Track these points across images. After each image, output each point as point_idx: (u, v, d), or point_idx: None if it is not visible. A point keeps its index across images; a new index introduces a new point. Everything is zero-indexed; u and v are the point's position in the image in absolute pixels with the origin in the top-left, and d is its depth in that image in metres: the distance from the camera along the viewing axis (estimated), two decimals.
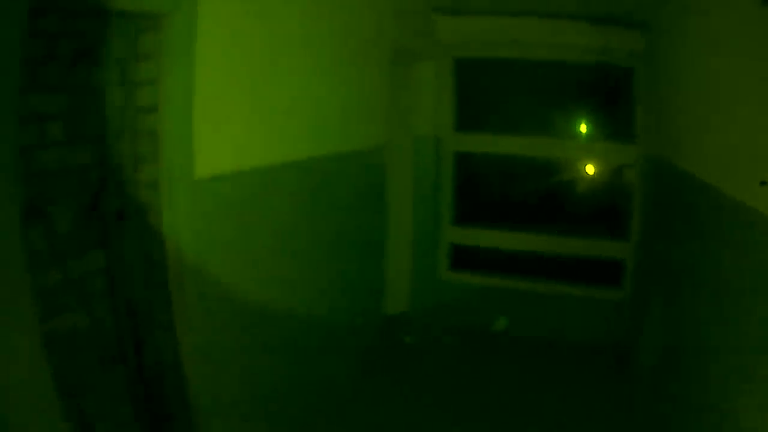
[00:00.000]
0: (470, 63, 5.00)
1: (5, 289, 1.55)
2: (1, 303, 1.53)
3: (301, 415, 3.41)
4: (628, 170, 4.71)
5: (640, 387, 3.94)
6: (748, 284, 2.17)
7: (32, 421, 1.61)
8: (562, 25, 4.58)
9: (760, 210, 2.00)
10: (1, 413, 1.54)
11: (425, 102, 5.07)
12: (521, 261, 5.07)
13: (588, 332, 4.86)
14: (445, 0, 4.82)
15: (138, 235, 2.23)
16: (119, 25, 2.13)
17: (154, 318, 2.29)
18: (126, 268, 2.19)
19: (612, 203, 4.88)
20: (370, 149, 4.17)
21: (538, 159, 4.95)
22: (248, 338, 2.78)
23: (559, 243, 4.91)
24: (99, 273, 2.12)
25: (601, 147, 4.85)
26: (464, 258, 5.24)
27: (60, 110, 1.92)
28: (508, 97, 5.09)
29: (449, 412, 3.95)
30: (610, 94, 4.86)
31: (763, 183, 1.78)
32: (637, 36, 4.44)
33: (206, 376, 2.44)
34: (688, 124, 3.35)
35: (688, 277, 3.16)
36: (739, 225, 2.30)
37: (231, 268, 2.62)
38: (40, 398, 1.63)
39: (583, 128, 5.03)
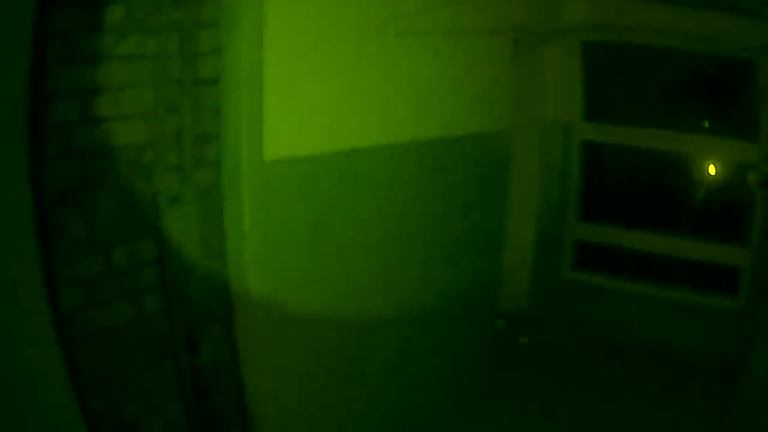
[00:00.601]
0: (598, 48, 4.50)
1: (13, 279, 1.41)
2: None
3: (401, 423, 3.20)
4: (751, 171, 4.14)
5: (745, 408, 3.44)
6: None
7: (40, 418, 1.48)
8: (688, 13, 4.05)
9: None
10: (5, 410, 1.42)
11: (553, 88, 4.61)
12: (639, 262, 4.59)
13: (701, 342, 4.34)
14: None
15: (196, 221, 2.06)
16: None
17: (210, 312, 2.12)
18: (180, 256, 2.03)
19: (733, 205, 4.38)
20: (491, 134, 3.79)
21: (663, 153, 4.43)
22: (320, 339, 2.54)
23: (680, 245, 4.41)
24: (150, 262, 1.97)
25: (725, 144, 4.28)
26: (588, 257, 4.76)
27: (104, 84, 1.76)
28: (634, 86, 4.57)
29: (548, 418, 3.70)
30: (734, 89, 4.32)
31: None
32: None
33: (267, 376, 2.24)
34: None
35: None
36: None
37: (303, 260, 2.39)
38: (51, 394, 1.49)
39: (707, 123, 4.49)
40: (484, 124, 3.72)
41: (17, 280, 1.42)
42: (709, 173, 4.48)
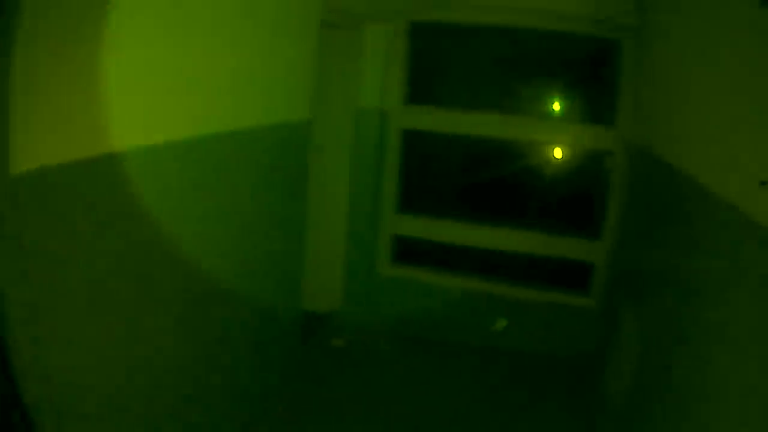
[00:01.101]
0: (427, 28, 4.18)
1: None
2: None
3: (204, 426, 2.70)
4: (607, 159, 3.98)
5: (602, 418, 3.31)
6: (737, 298, 1.86)
7: None
8: None
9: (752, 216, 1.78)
10: None
11: (373, 71, 4.32)
12: (476, 257, 4.34)
13: (548, 343, 4.24)
14: None
15: None
16: None
17: None
18: None
19: (584, 196, 4.16)
20: (292, 123, 3.39)
21: (503, 141, 4.16)
22: (123, 330, 2.02)
23: (521, 239, 4.20)
24: None
25: (576, 129, 4.09)
26: (410, 251, 4.50)
27: None
28: (469, 69, 4.28)
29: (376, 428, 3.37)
30: (590, 70, 4.11)
31: (763, 183, 1.63)
32: (628, 5, 3.75)
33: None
34: (677, 111, 2.80)
35: (665, 287, 2.67)
36: (730, 230, 2.00)
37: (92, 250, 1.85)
38: None
39: (556, 107, 4.25)
40: (285, 113, 3.34)
41: None
42: (557, 161, 4.23)
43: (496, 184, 4.24)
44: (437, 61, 4.24)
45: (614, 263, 3.84)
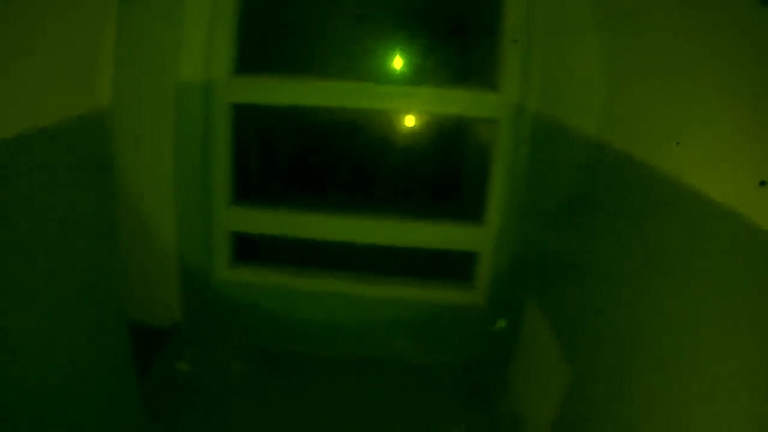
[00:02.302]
0: None
1: None
2: None
3: None
4: (487, 128, 3.40)
5: None
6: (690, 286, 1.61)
7: None
8: None
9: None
10: None
11: (193, 36, 3.53)
12: (336, 251, 3.69)
13: (431, 350, 3.68)
14: None
15: None
16: None
17: None
18: None
19: (458, 175, 3.59)
20: (84, 115, 2.55)
21: (358, 113, 3.50)
22: None
23: (385, 230, 3.56)
24: None
25: (445, 94, 3.41)
26: (256, 249, 3.82)
27: None
28: (314, 27, 3.64)
29: None
30: (457, 18, 3.58)
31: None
32: None
33: None
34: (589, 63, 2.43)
35: (588, 278, 2.29)
36: (663, 205, 1.76)
37: None
38: None
39: (420, 68, 3.63)
40: (75, 103, 2.53)
41: None
42: (424, 134, 3.61)
43: (351, 164, 3.60)
44: (275, 19, 3.54)
45: (505, 251, 3.33)
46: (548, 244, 2.82)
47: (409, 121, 3.54)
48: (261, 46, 3.49)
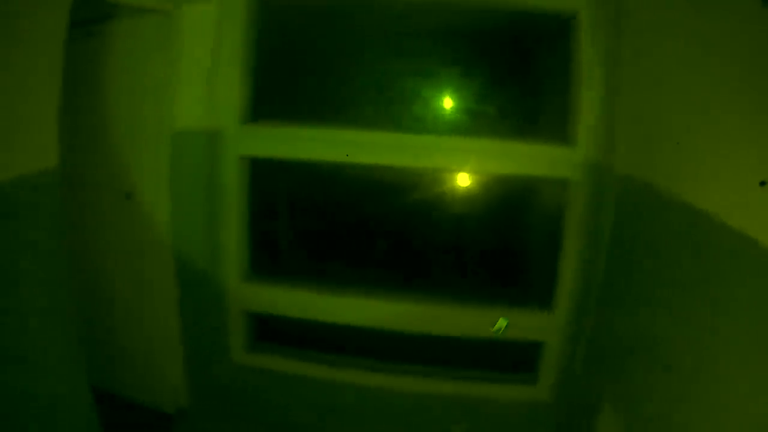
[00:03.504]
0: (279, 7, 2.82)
1: None
2: None
3: None
4: (558, 191, 2.69)
5: None
6: None
7: None
8: None
9: None
10: None
11: (193, 75, 2.89)
12: (372, 336, 2.93)
13: None
14: None
15: None
16: None
17: None
18: None
19: (519, 248, 2.95)
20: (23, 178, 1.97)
21: (393, 171, 2.73)
22: None
23: (429, 315, 2.84)
24: None
25: (509, 149, 2.70)
26: (279, 327, 3.12)
27: None
28: (344, 66, 2.91)
29: None
30: (524, 61, 2.83)
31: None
32: None
33: None
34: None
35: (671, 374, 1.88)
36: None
37: None
38: None
39: (480, 117, 2.90)
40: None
41: None
42: (478, 197, 2.82)
43: (389, 234, 2.91)
44: (296, 57, 2.84)
45: (577, 340, 2.72)
46: (632, 332, 2.25)
47: (460, 181, 2.86)
48: (279, 88, 2.81)
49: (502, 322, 2.77)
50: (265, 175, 2.88)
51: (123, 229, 3.04)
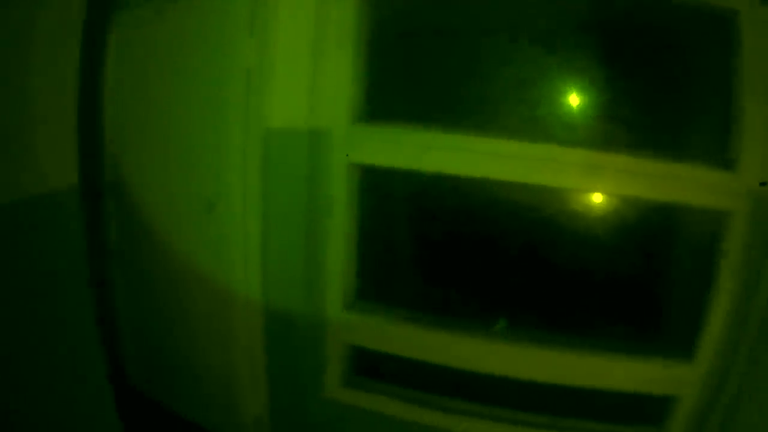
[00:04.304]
0: None
1: None
2: None
3: None
4: (711, 222, 2.20)
5: None
6: None
7: None
8: None
9: None
10: None
11: (290, 61, 2.42)
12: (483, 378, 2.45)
13: None
14: None
15: None
16: None
17: None
18: None
19: (657, 284, 2.62)
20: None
21: (524, 190, 2.24)
22: None
23: (551, 362, 2.40)
24: None
25: (642, 168, 2.21)
26: (380, 361, 2.65)
27: None
28: (476, 58, 2.32)
29: None
30: (673, 66, 2.35)
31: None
32: None
33: None
34: None
35: None
36: None
37: None
38: None
39: (606, 127, 2.25)
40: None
41: None
42: (611, 224, 2.31)
43: (516, 262, 2.51)
44: (421, 39, 2.39)
45: (718, 395, 2.42)
46: None
47: (590, 204, 2.50)
48: (400, 81, 2.39)
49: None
50: (376, 185, 2.47)
51: (204, 245, 2.59)
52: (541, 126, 2.34)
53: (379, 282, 2.55)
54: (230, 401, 2.76)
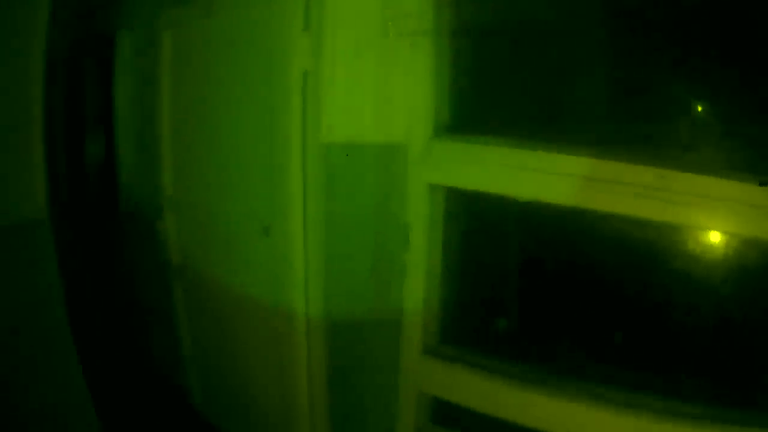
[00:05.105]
0: None
1: None
2: None
3: None
4: None
5: None
6: None
7: None
8: None
9: None
10: None
11: (358, 59, 2.02)
12: None
13: None
14: None
15: None
16: None
17: None
18: None
19: None
20: None
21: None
22: None
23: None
24: None
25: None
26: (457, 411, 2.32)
27: None
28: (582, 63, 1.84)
29: None
30: None
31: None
32: None
33: None
34: None
35: None
36: None
37: None
38: None
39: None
40: None
41: None
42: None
43: (627, 310, 1.97)
44: (510, 38, 1.90)
45: None
46: None
47: (705, 243, 1.91)
48: (490, 88, 1.92)
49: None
50: (461, 211, 2.03)
51: (261, 270, 2.27)
52: (656, 146, 1.81)
53: (463, 325, 2.14)
54: None
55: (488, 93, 1.92)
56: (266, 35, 2.04)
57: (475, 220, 2.03)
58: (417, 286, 2.08)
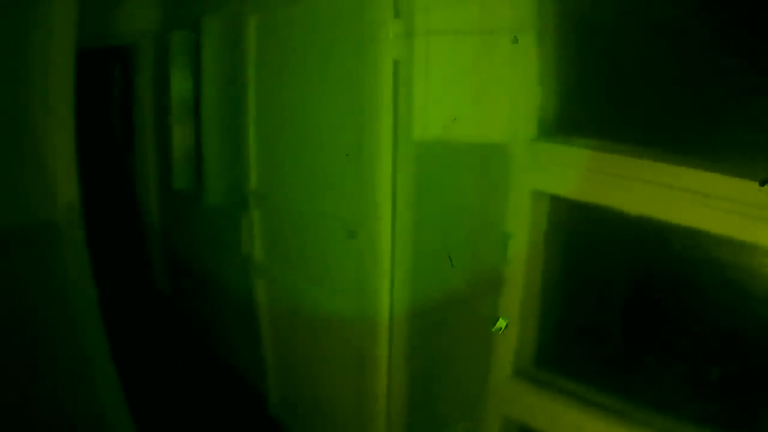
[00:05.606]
0: None
1: None
2: None
3: None
4: None
5: None
6: None
7: None
8: None
9: None
10: None
11: (451, 52, 1.82)
12: None
13: None
14: None
15: None
16: None
17: None
18: None
19: None
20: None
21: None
22: None
23: None
24: None
25: None
26: None
27: None
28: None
29: None
30: None
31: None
32: None
33: None
34: None
35: None
36: None
37: None
38: None
39: None
40: None
41: None
42: None
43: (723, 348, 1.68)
44: (625, 33, 1.65)
45: None
46: None
47: None
48: (603, 88, 1.68)
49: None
50: (569, 222, 1.81)
51: (341, 277, 2.13)
52: None
53: (560, 348, 1.91)
54: None
55: (597, 94, 1.67)
56: (354, 22, 1.87)
57: (581, 233, 1.80)
58: (514, 301, 1.88)
